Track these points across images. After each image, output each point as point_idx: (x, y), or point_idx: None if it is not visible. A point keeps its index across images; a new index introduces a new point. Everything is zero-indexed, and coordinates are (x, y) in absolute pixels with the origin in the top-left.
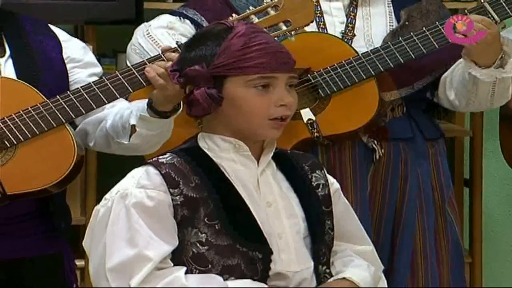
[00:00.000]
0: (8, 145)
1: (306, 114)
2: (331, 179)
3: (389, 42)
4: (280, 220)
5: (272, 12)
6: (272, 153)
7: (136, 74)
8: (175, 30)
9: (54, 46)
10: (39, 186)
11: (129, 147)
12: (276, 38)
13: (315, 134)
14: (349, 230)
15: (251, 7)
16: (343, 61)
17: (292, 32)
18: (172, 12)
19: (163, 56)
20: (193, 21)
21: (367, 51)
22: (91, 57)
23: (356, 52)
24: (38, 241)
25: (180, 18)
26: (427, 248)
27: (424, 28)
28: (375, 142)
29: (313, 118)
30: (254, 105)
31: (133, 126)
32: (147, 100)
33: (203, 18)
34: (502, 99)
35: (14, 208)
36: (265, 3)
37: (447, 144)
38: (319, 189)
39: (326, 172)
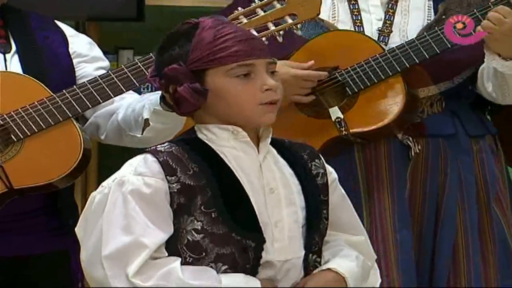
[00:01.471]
0: (15, 139)
1: (335, 112)
2: (329, 168)
3: (414, 38)
4: (280, 208)
5: (278, 6)
6: (269, 139)
7: (142, 68)
8: None
9: (61, 42)
10: (45, 180)
11: (141, 140)
12: (281, 32)
13: (343, 132)
14: (344, 220)
15: (256, 0)
16: (370, 58)
17: (298, 25)
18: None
19: None
20: None
21: (393, 47)
22: (97, 51)
23: (383, 49)
24: (45, 238)
25: None
26: (470, 245)
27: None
28: (410, 139)
29: (341, 116)
30: (240, 94)
31: (146, 120)
32: (159, 93)
33: None
34: None
35: (22, 205)
36: None
37: (497, 141)
38: (319, 178)
39: (324, 161)
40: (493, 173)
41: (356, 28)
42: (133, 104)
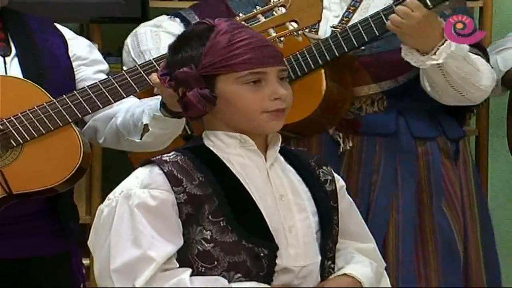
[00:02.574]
0: (15, 144)
1: None
2: (336, 175)
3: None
4: (292, 213)
5: (279, 12)
6: (278, 147)
7: (143, 73)
8: (161, 28)
9: (60, 45)
10: (45, 185)
11: (139, 145)
12: (282, 38)
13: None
14: (352, 227)
15: (258, 7)
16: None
17: (300, 32)
18: (168, 13)
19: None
20: (183, 19)
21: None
22: (97, 54)
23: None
24: (46, 240)
25: (171, 17)
26: (400, 245)
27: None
28: (340, 135)
29: None
30: (248, 101)
31: (146, 125)
32: (158, 98)
33: (196, 17)
34: (468, 88)
35: (22, 207)
36: (272, 3)
37: (461, 146)
38: (327, 185)
39: (332, 169)
40: (439, 175)
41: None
42: (132, 109)
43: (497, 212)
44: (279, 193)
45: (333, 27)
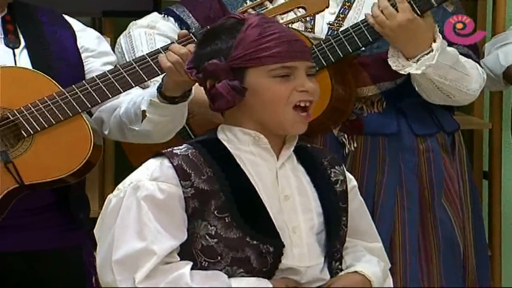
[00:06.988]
0: (25, 135)
1: None
2: (349, 175)
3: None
4: (296, 214)
5: None
6: (293, 147)
7: (151, 62)
8: (155, 29)
9: (69, 37)
10: (56, 175)
11: (142, 134)
12: (290, 25)
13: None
14: (362, 227)
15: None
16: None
17: (307, 18)
18: (160, 10)
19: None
20: (177, 18)
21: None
22: (105, 46)
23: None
24: (57, 233)
25: (164, 16)
26: (407, 245)
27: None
28: (345, 136)
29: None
30: (276, 92)
31: (144, 111)
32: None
33: (190, 15)
34: (455, 92)
35: (33, 200)
36: None
37: (456, 138)
38: (338, 185)
39: (345, 168)
40: (440, 172)
41: (308, 20)
42: (135, 98)
43: (510, 204)
44: (284, 193)
45: (329, 24)
